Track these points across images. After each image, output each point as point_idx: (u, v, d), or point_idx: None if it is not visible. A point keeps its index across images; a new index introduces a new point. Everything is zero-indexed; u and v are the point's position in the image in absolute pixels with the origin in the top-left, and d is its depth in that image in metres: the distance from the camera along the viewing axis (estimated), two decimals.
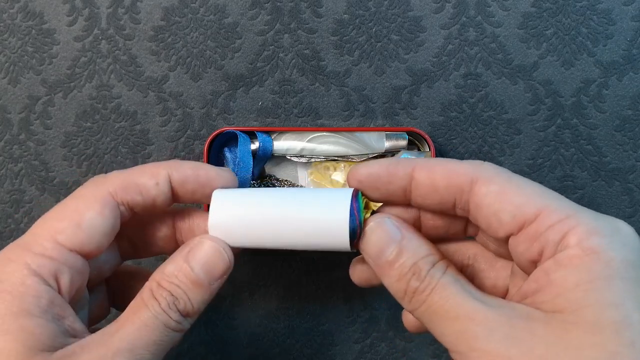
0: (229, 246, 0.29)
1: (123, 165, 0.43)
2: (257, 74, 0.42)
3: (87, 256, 0.28)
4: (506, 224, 0.25)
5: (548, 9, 0.42)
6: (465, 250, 0.30)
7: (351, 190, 0.28)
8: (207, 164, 0.30)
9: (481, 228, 0.27)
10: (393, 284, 0.26)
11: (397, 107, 0.42)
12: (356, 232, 0.27)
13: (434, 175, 0.27)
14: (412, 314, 0.26)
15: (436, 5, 0.42)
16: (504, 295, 0.29)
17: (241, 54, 0.42)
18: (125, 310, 0.27)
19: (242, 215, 0.28)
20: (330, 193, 0.29)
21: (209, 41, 0.43)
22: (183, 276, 0.27)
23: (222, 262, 0.28)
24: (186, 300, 0.27)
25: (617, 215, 0.42)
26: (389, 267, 0.26)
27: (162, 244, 0.32)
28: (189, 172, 0.29)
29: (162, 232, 0.32)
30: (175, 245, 0.32)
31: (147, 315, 0.26)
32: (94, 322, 0.32)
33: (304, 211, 0.28)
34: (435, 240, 0.30)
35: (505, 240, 0.26)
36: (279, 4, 0.42)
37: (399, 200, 0.29)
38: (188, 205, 0.40)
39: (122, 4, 0.42)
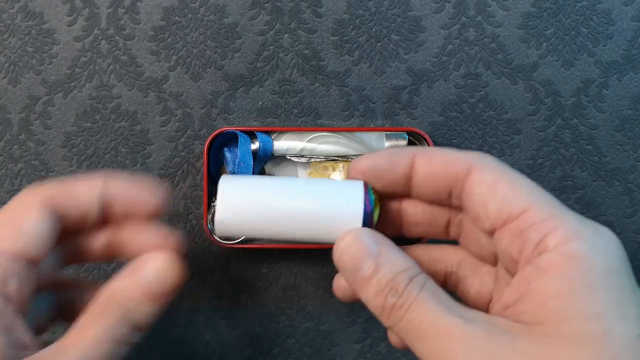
0: (178, 263, 0.29)
1: (123, 166, 0.43)
2: (257, 74, 0.42)
3: (31, 261, 0.27)
4: (492, 216, 0.25)
5: (548, 9, 0.42)
6: (449, 258, 0.30)
7: (361, 182, 0.28)
8: (144, 181, 0.30)
9: (470, 218, 0.27)
10: (370, 299, 0.26)
11: (397, 107, 0.42)
12: (368, 225, 0.27)
13: (433, 162, 0.27)
14: (392, 330, 0.25)
15: (436, 5, 0.42)
16: (488, 301, 0.29)
17: (241, 54, 0.42)
18: (76, 325, 0.26)
19: (251, 203, 0.28)
20: (341, 185, 0.28)
21: (209, 41, 0.43)
22: (134, 289, 0.27)
23: (172, 276, 0.28)
24: (139, 313, 0.27)
25: (617, 215, 0.42)
26: (366, 282, 0.25)
27: (102, 250, 0.32)
28: (121, 186, 0.30)
29: (101, 239, 0.31)
30: (116, 251, 0.32)
31: (99, 329, 0.26)
32: (39, 332, 0.31)
33: (317, 202, 0.27)
34: (417, 239, 0.30)
35: (490, 234, 0.26)
36: (279, 4, 0.42)
37: (401, 189, 0.28)
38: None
39: (122, 4, 0.42)
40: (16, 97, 0.43)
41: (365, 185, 0.28)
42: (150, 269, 0.28)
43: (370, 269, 0.25)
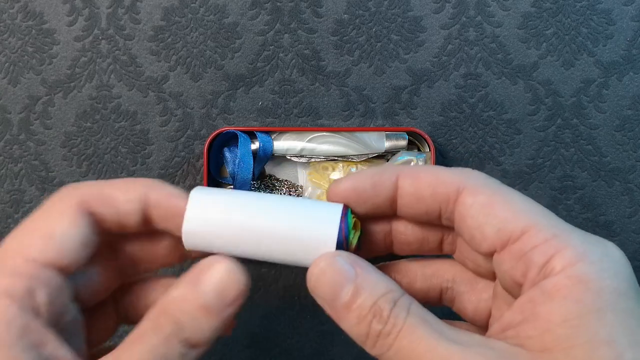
0: (243, 273, 0.26)
1: (123, 165, 0.43)
2: (257, 74, 0.43)
3: (64, 270, 0.25)
4: (489, 239, 0.24)
5: (548, 9, 0.42)
6: (443, 273, 0.29)
7: (341, 206, 0.27)
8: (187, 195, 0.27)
9: (465, 241, 0.26)
10: (352, 327, 0.24)
11: (397, 107, 0.42)
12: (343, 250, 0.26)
13: (419, 183, 0.26)
14: (379, 359, 0.24)
15: (436, 5, 0.42)
16: (487, 317, 0.28)
17: (241, 54, 0.42)
18: (123, 341, 0.24)
19: (221, 220, 0.26)
20: (318, 207, 0.27)
21: (209, 41, 0.43)
22: (191, 301, 0.24)
23: (236, 285, 0.25)
24: (193, 328, 0.24)
25: (617, 215, 0.42)
26: (346, 310, 0.24)
27: (164, 254, 0.29)
28: (163, 197, 0.27)
29: (164, 247, 0.29)
30: (179, 255, 0.29)
31: (146, 347, 0.23)
32: (98, 342, 0.29)
33: (289, 224, 0.26)
34: (410, 258, 0.28)
35: (489, 256, 0.25)
36: (279, 4, 0.42)
37: (386, 212, 0.27)
38: None
39: (122, 4, 0.42)
40: (16, 97, 0.43)
41: (345, 208, 0.26)
42: (209, 279, 0.25)
43: (349, 294, 0.24)
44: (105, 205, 0.26)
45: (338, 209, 0.26)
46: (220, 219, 0.27)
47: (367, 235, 0.28)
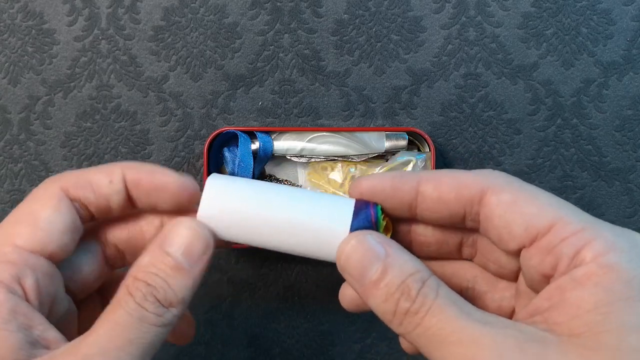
0: (208, 227, 0.27)
1: None
2: (257, 74, 0.43)
3: (51, 257, 0.26)
4: (518, 236, 0.24)
5: (548, 9, 0.42)
6: (463, 272, 0.29)
7: (353, 200, 0.27)
8: (167, 169, 0.28)
9: (492, 241, 0.26)
10: (380, 305, 0.24)
11: (397, 107, 0.42)
12: None
13: (442, 187, 0.26)
14: (404, 337, 0.24)
15: (436, 5, 0.42)
16: (510, 315, 0.28)
17: (241, 54, 0.42)
18: (103, 312, 0.25)
19: (236, 208, 0.27)
20: (333, 199, 0.27)
21: (209, 41, 0.43)
22: (160, 263, 0.25)
23: (200, 241, 0.26)
24: (166, 287, 0.25)
25: (617, 215, 0.42)
26: (374, 287, 0.24)
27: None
28: (144, 174, 0.27)
29: (150, 233, 0.29)
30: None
31: (120, 313, 0.24)
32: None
33: (304, 215, 0.26)
34: (429, 260, 0.28)
35: (516, 253, 0.25)
36: (279, 4, 0.42)
37: (404, 215, 0.27)
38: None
39: (122, 4, 0.42)
40: (16, 97, 0.43)
41: (373, 204, 0.27)
42: (175, 239, 0.26)
43: (378, 272, 0.24)
44: (88, 190, 0.27)
45: (350, 201, 0.27)
46: (235, 208, 0.27)
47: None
